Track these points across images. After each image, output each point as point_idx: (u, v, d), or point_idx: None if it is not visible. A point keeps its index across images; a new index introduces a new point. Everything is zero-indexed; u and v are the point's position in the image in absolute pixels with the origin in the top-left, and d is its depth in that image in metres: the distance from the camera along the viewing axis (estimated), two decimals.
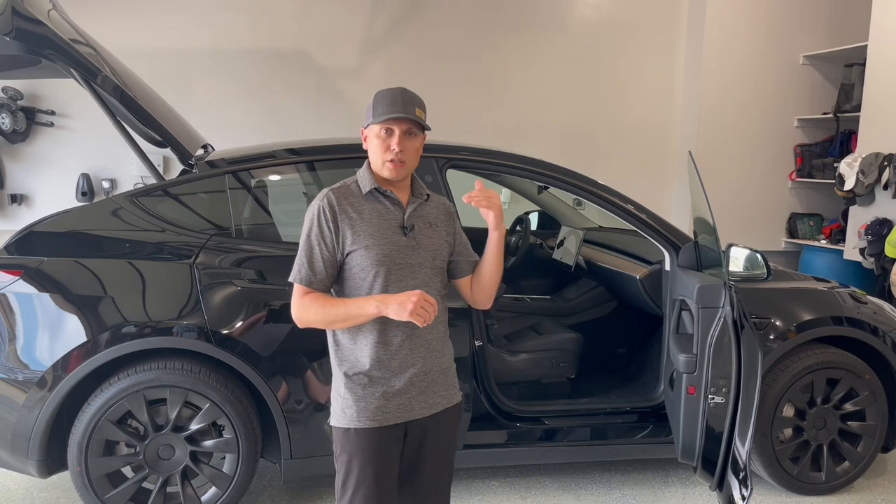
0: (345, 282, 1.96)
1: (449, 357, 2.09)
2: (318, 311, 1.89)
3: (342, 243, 1.91)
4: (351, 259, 1.92)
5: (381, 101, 1.92)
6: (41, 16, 2.68)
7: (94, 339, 2.69)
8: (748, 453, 2.62)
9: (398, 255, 1.93)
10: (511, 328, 3.83)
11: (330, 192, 1.94)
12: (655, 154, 6.34)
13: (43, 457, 2.75)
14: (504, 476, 3.43)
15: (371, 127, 1.94)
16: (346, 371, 1.95)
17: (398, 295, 1.84)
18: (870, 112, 5.36)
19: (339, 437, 1.96)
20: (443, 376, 2.04)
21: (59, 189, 5.20)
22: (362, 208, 1.94)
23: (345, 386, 1.95)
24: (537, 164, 3.22)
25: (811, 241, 6.20)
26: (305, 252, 1.92)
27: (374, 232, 1.91)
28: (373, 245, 1.90)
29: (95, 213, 2.92)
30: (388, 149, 1.90)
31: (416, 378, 1.97)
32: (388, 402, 1.94)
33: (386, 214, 1.95)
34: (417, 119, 1.90)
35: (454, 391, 2.09)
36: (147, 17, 5.24)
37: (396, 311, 1.81)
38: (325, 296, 1.93)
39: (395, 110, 1.88)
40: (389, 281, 1.91)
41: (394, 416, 1.95)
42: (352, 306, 1.88)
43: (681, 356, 2.82)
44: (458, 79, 5.83)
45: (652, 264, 3.39)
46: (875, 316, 3.29)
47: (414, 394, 1.97)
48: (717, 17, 6.02)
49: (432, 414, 2.01)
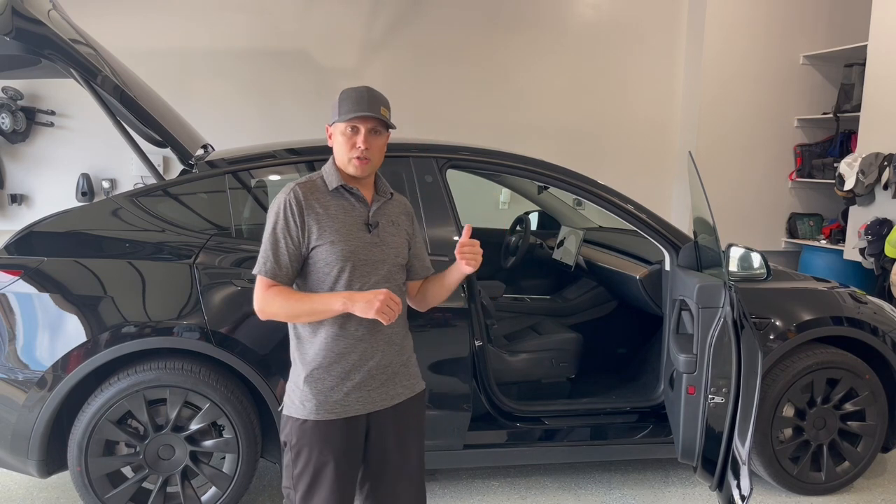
0: (309, 276, 1.98)
1: (409, 350, 2.12)
2: (282, 304, 1.92)
3: (308, 238, 1.94)
4: (316, 254, 1.94)
5: (346, 99, 1.95)
6: (41, 16, 2.68)
7: (93, 339, 2.69)
8: (748, 453, 2.62)
9: (363, 251, 1.96)
10: (511, 328, 3.83)
11: (296, 186, 1.97)
12: (655, 154, 6.34)
13: (43, 457, 2.75)
14: (504, 476, 3.43)
15: (337, 125, 1.97)
16: (306, 364, 1.98)
17: (365, 293, 1.88)
18: (870, 112, 5.36)
19: (296, 429, 1.97)
20: (404, 368, 2.08)
21: (59, 189, 5.19)
22: (328, 204, 1.97)
23: (304, 379, 1.97)
24: (537, 164, 3.22)
25: (811, 241, 6.20)
26: (271, 245, 1.94)
27: (339, 228, 1.95)
28: (338, 241, 1.93)
29: (95, 213, 2.92)
30: (353, 146, 1.94)
31: (377, 371, 2.00)
32: (347, 394, 1.97)
33: (351, 211, 1.98)
34: (383, 117, 1.95)
35: (416, 381, 2.12)
36: (147, 17, 5.24)
37: (363, 308, 1.85)
38: (290, 290, 1.95)
39: (360, 109, 1.92)
40: (353, 276, 1.94)
41: (353, 408, 1.98)
42: (318, 302, 1.91)
43: (681, 356, 2.82)
44: (458, 79, 5.82)
45: (652, 264, 3.39)
46: (875, 316, 3.29)
47: (374, 386, 2.00)
48: (717, 17, 6.02)
49: (394, 405, 2.03)
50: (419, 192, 3.01)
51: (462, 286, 2.91)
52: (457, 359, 2.93)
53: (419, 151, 3.10)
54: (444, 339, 2.93)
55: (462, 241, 1.99)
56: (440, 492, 3.28)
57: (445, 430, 2.97)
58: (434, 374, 2.92)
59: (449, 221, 3.00)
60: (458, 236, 2.98)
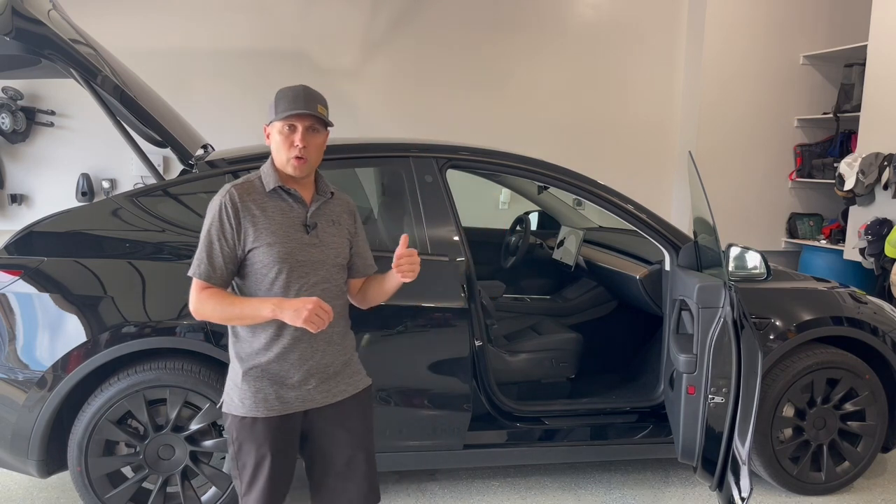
0: (247, 277, 1.98)
1: (350, 349, 2.13)
2: (215, 307, 1.93)
3: (243, 240, 1.94)
4: (253, 255, 1.95)
5: (283, 98, 1.95)
6: (41, 16, 2.68)
7: (94, 339, 2.69)
8: (748, 453, 2.62)
9: (300, 252, 1.96)
10: (511, 328, 3.83)
11: (232, 188, 1.96)
12: (655, 154, 6.34)
13: (43, 457, 2.75)
14: (504, 476, 3.43)
15: (274, 124, 1.96)
16: (243, 362, 1.99)
17: (294, 301, 1.89)
18: (870, 112, 5.36)
19: (236, 425, 1.99)
20: (346, 367, 2.09)
21: (59, 189, 5.19)
22: (265, 205, 1.96)
23: (243, 377, 1.98)
24: (537, 164, 3.22)
25: (811, 241, 6.20)
26: (205, 247, 1.94)
27: (276, 229, 1.94)
28: (275, 242, 1.93)
29: (95, 213, 2.92)
30: (291, 145, 1.94)
31: (316, 370, 2.01)
32: (286, 393, 1.98)
33: (289, 212, 1.98)
34: (320, 115, 1.94)
35: (359, 377, 2.13)
36: (147, 17, 5.24)
37: (291, 316, 1.87)
38: (223, 293, 1.95)
39: (297, 107, 1.91)
40: (291, 278, 1.95)
41: (293, 406, 1.99)
42: (248, 307, 1.92)
43: (681, 356, 2.82)
44: (458, 79, 5.82)
45: (652, 264, 3.39)
46: (875, 316, 3.29)
47: (314, 384, 2.01)
48: (717, 17, 6.01)
49: (336, 402, 2.05)
50: (419, 192, 3.00)
51: (462, 286, 2.91)
52: (457, 359, 2.93)
53: (419, 151, 3.09)
54: (444, 339, 2.93)
55: (398, 253, 1.98)
56: (440, 492, 3.28)
57: (445, 430, 2.97)
58: (434, 374, 2.92)
59: (449, 221, 3.00)
60: (458, 236, 2.99)
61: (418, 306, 2.89)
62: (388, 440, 2.92)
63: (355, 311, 2.21)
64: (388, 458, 2.99)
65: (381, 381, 2.87)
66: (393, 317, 2.86)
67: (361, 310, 2.24)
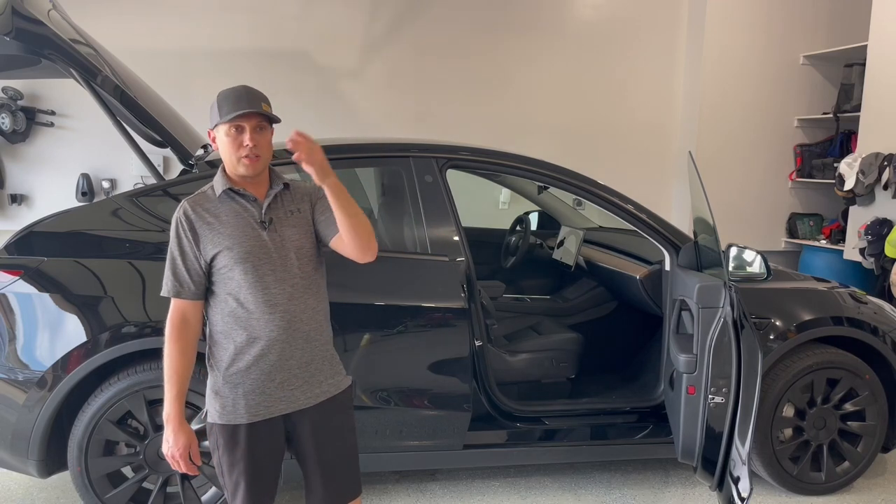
0: (217, 284, 1.98)
1: (329, 343, 2.11)
2: (166, 354, 1.97)
3: (203, 250, 1.95)
4: (217, 261, 1.96)
5: (225, 100, 1.94)
6: (41, 16, 2.68)
7: (94, 339, 2.69)
8: (748, 453, 2.62)
9: (259, 250, 1.95)
10: (511, 328, 3.83)
11: (185, 202, 1.99)
12: (655, 154, 6.34)
13: (43, 457, 2.75)
14: (504, 476, 3.43)
15: (220, 127, 1.95)
16: (223, 369, 1.98)
17: (177, 436, 1.96)
18: (870, 112, 5.35)
19: (217, 432, 1.99)
20: (328, 364, 2.08)
21: (59, 189, 5.19)
22: (219, 211, 1.97)
23: (223, 384, 1.98)
24: (537, 164, 3.22)
25: (811, 241, 6.20)
26: (169, 265, 1.98)
27: (232, 232, 1.95)
28: (233, 245, 1.94)
29: (95, 213, 2.92)
30: (240, 146, 1.93)
31: (298, 370, 2.01)
32: (269, 395, 1.98)
33: (243, 213, 1.98)
34: (266, 113, 1.94)
35: (340, 378, 2.12)
36: (147, 17, 5.24)
37: (165, 444, 1.99)
38: (181, 351, 1.96)
39: (241, 107, 1.91)
40: (258, 275, 1.95)
41: (277, 408, 1.99)
42: (166, 389, 1.97)
43: (681, 356, 2.82)
44: (458, 79, 5.82)
45: (652, 264, 3.39)
46: (875, 316, 3.29)
47: (297, 384, 2.01)
48: (717, 17, 6.01)
49: (319, 403, 2.04)
50: (419, 192, 3.00)
51: (462, 286, 2.91)
52: (457, 359, 2.93)
53: (419, 151, 3.09)
54: (444, 340, 2.92)
55: (291, 138, 1.83)
56: (440, 492, 3.28)
57: (445, 430, 2.97)
58: (434, 374, 2.92)
59: (449, 221, 3.00)
60: (458, 236, 2.99)
61: (418, 306, 2.89)
62: (389, 440, 2.92)
63: (357, 314, 2.19)
64: (388, 458, 2.99)
65: (382, 381, 2.87)
66: (393, 317, 2.86)
67: (362, 309, 2.22)
